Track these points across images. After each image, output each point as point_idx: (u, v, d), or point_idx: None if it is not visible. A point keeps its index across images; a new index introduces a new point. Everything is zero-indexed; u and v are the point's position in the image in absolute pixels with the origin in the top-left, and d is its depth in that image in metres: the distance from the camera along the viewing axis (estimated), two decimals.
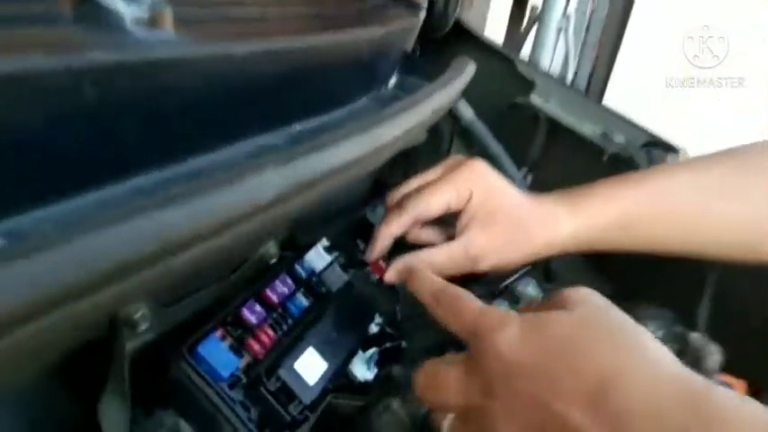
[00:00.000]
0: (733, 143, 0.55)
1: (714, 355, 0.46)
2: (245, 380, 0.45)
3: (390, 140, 0.42)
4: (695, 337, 0.47)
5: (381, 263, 0.62)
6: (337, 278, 0.58)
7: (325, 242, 0.59)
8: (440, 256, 0.56)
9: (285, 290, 0.51)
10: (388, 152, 0.48)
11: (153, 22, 0.26)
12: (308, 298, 0.53)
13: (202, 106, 0.34)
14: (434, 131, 0.81)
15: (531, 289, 0.64)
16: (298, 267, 0.55)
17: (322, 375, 0.51)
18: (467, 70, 0.59)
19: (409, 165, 0.77)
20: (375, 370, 0.56)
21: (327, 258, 0.58)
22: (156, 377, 0.40)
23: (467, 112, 0.80)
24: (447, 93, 0.55)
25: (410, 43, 0.67)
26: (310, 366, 0.48)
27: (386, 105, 0.47)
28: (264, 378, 0.48)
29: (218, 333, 0.44)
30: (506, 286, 0.63)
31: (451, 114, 0.82)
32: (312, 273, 0.56)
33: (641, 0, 1.23)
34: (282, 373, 0.50)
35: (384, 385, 0.53)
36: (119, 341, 0.35)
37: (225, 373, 0.42)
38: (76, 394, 0.38)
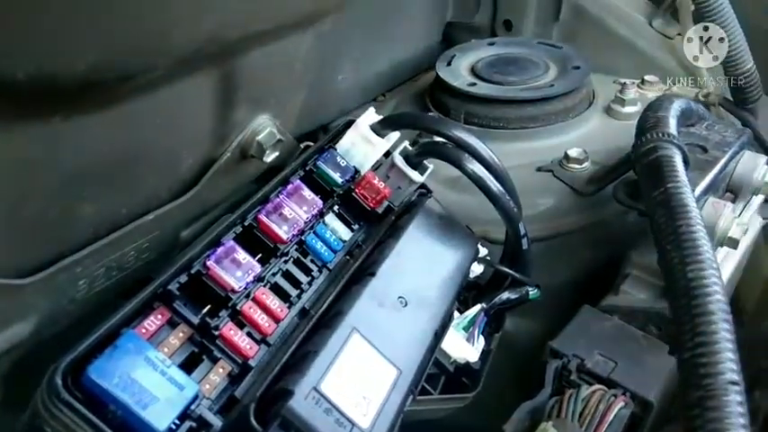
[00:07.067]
0: None
1: None
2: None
3: None
4: None
5: (378, 183, 0.36)
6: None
7: (372, 114, 0.36)
8: None
9: (302, 210, 0.30)
10: None
11: None
12: (351, 225, 0.34)
13: None
14: None
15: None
16: (324, 167, 0.34)
17: (387, 396, 0.25)
18: None
19: None
20: (482, 342, 0.36)
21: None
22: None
23: None
24: None
25: None
26: (360, 378, 0.25)
27: None
28: (253, 421, 0.22)
29: (151, 323, 0.24)
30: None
31: None
32: (354, 176, 0.34)
33: None
34: (295, 406, 0.22)
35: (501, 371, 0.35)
36: None
37: (159, 423, 0.21)
38: None
